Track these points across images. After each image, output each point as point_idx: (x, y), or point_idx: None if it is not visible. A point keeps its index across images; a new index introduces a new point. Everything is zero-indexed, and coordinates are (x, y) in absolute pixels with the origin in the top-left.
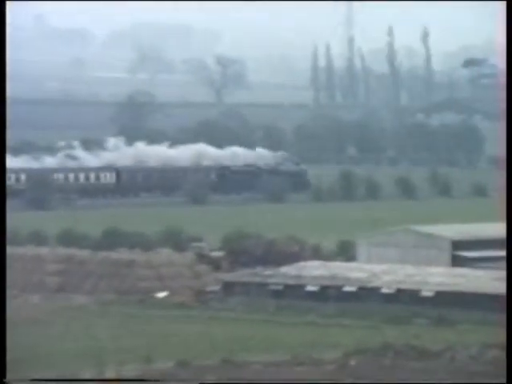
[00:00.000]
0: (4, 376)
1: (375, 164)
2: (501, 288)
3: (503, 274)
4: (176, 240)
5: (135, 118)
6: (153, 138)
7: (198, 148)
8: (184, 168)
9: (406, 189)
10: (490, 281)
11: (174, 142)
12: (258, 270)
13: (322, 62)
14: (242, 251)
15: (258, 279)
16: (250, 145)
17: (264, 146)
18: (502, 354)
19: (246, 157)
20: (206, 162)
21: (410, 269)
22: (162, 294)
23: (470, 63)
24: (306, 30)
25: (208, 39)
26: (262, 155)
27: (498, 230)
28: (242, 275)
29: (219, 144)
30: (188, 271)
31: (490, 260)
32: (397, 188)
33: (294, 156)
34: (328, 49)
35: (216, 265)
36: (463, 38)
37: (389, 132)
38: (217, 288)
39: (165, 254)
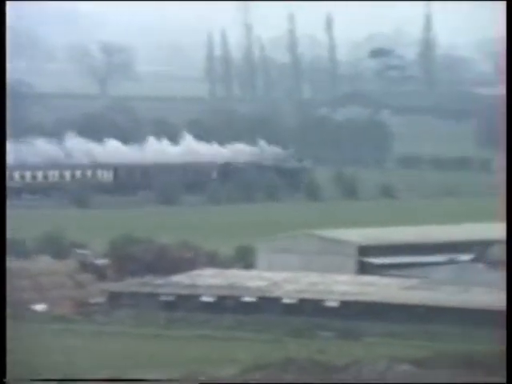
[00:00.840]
0: (4, 376)
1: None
2: (409, 297)
3: (412, 282)
4: (56, 246)
5: (9, 109)
6: (30, 132)
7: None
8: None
9: (309, 190)
10: (399, 290)
11: (53, 136)
12: (148, 279)
13: (217, 51)
14: (129, 258)
15: (147, 289)
16: (139, 141)
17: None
18: (411, 369)
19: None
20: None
21: (313, 277)
22: (40, 307)
23: (376, 54)
24: (200, 15)
25: (92, 24)
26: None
27: (407, 234)
28: (130, 285)
29: (101, 139)
30: (69, 281)
31: (399, 267)
32: (299, 189)
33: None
34: (224, 37)
35: (101, 273)
36: (369, 26)
37: (290, 127)
38: (102, 299)
39: (43, 261)
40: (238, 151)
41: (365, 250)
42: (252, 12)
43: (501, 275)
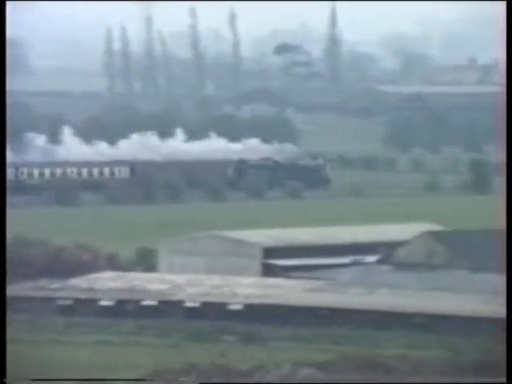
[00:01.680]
0: (4, 376)
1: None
2: (314, 300)
3: (317, 284)
4: None
5: None
6: None
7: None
8: None
9: (211, 190)
10: (303, 292)
11: None
12: (43, 282)
13: (116, 46)
14: (23, 261)
15: (42, 293)
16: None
17: (48, 141)
18: (316, 373)
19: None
20: None
21: (217, 279)
22: None
23: (281, 50)
24: (100, 8)
25: None
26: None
27: (313, 235)
28: (24, 289)
29: None
30: None
31: (304, 269)
32: (201, 189)
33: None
34: (124, 31)
35: None
36: (274, 21)
37: (193, 125)
38: None
39: None
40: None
41: (270, 252)
42: (153, 6)
43: (406, 276)
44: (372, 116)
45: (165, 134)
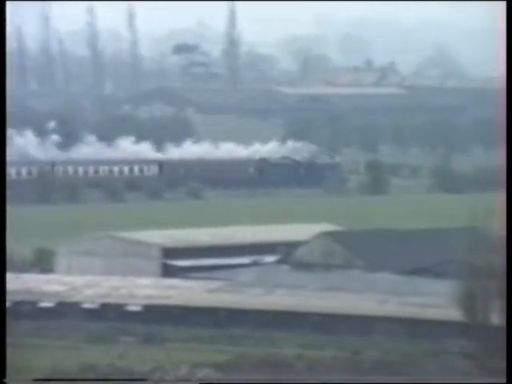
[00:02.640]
0: (4, 376)
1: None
2: (213, 300)
3: (216, 284)
4: None
5: None
6: None
7: None
8: None
9: (110, 190)
10: (202, 293)
11: None
12: None
13: (12, 43)
14: None
15: None
16: None
17: None
18: (215, 374)
19: None
20: None
21: (115, 280)
22: None
23: (180, 49)
24: None
25: None
26: None
27: (212, 235)
28: None
29: None
30: None
31: (204, 269)
32: (99, 190)
33: None
34: (19, 28)
35: None
36: (173, 21)
37: (91, 125)
38: None
39: None
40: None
41: (169, 252)
42: (49, 4)
43: (304, 276)
44: (271, 117)
45: (68, 134)
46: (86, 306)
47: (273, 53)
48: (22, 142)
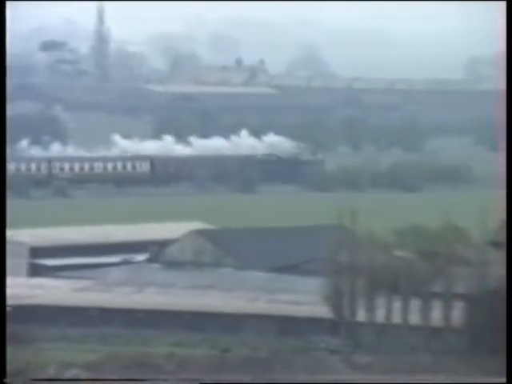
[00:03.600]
0: (4, 376)
1: None
2: (82, 300)
3: (84, 283)
4: None
5: None
6: None
7: None
8: None
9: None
10: (71, 292)
11: None
12: None
13: None
14: None
15: None
16: None
17: None
18: (84, 374)
19: None
20: None
21: None
22: None
23: (47, 46)
24: None
25: None
26: None
27: (82, 234)
28: None
29: None
30: None
31: (73, 268)
32: None
33: None
34: None
35: None
36: (40, 17)
37: None
38: None
39: None
40: None
41: (37, 251)
42: None
43: (175, 275)
44: (140, 115)
45: None
46: None
47: (142, 51)
48: None
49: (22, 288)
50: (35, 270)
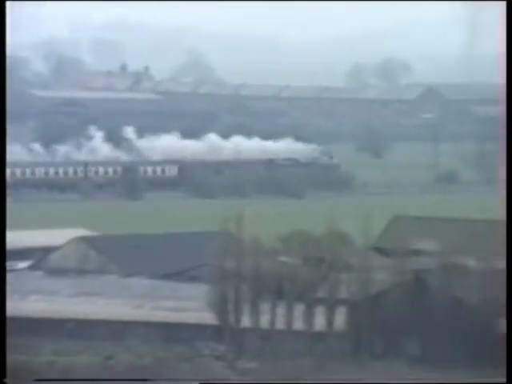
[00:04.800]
0: (4, 376)
1: None
2: None
3: None
4: None
5: None
6: None
7: None
8: None
9: None
10: None
11: None
12: None
13: None
14: None
15: None
16: None
17: None
18: None
19: None
20: None
21: None
22: None
23: None
24: None
25: None
26: None
27: None
28: None
29: None
30: None
31: None
32: None
33: None
34: None
35: None
36: None
37: None
38: None
39: None
40: None
41: None
42: None
43: (58, 282)
44: (23, 120)
45: None
46: None
47: (25, 55)
48: None
49: None
50: None
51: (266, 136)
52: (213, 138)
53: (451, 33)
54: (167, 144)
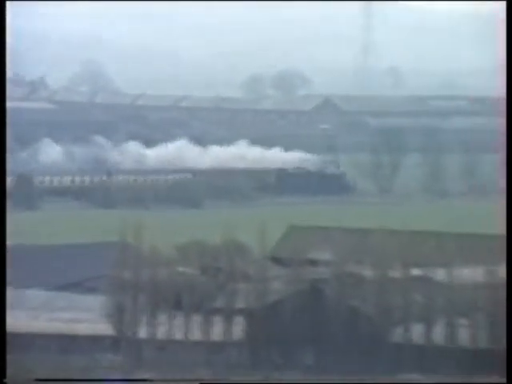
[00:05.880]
0: (4, 376)
1: None
2: None
3: None
4: None
5: None
6: None
7: None
8: None
9: None
10: None
11: None
12: None
13: None
14: None
15: None
16: None
17: None
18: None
19: None
20: None
21: None
22: None
23: None
24: None
25: None
26: None
27: None
28: None
29: None
30: None
31: None
32: None
33: None
34: None
35: None
36: None
37: None
38: None
39: None
40: None
41: None
42: None
43: None
44: None
45: None
46: None
47: None
48: None
49: None
50: None
51: (161, 146)
52: (106, 146)
53: (347, 47)
54: (57, 153)
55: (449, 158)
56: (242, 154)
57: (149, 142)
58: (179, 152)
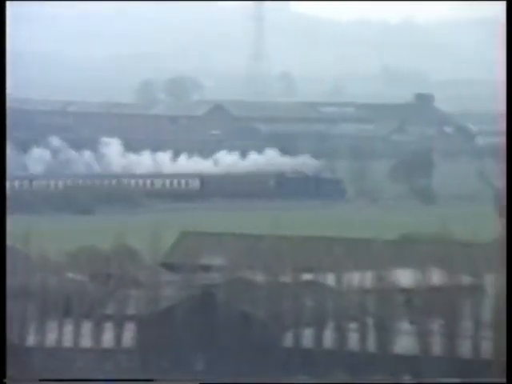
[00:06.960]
0: (4, 376)
1: None
2: None
3: None
4: None
5: None
6: None
7: None
8: None
9: None
10: None
11: None
12: None
13: None
14: None
15: None
16: None
17: None
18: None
19: None
20: None
21: None
22: None
23: None
24: None
25: None
26: None
27: None
28: None
29: None
30: None
31: None
32: None
33: None
34: None
35: None
36: None
37: None
38: None
39: None
40: None
41: None
42: None
43: None
44: None
45: None
46: None
47: None
48: None
49: None
50: None
51: (44, 150)
52: None
53: (239, 52)
54: None
55: (338, 164)
56: (136, 160)
57: (32, 147)
58: (66, 157)
